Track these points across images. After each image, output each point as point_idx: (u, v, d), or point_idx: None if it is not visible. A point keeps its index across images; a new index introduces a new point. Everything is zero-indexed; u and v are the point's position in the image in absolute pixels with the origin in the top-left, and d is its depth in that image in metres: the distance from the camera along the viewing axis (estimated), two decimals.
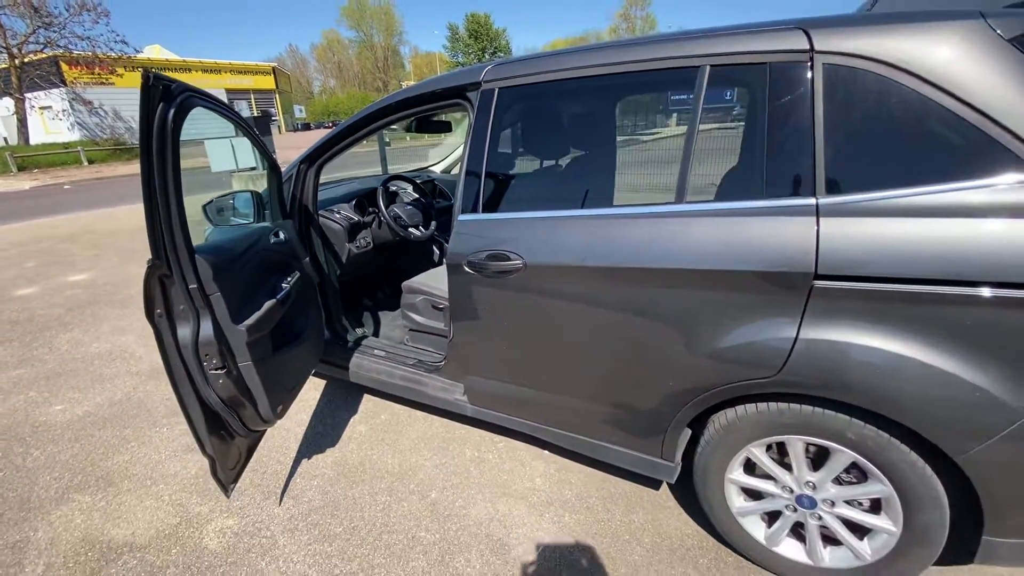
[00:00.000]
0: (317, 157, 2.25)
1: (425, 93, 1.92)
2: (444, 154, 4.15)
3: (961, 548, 1.32)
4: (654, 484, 1.95)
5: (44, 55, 21.79)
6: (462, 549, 1.71)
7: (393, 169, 4.75)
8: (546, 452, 2.17)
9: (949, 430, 1.17)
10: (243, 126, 1.85)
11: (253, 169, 6.46)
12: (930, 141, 1.17)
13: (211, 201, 1.99)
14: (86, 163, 20.44)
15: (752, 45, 1.33)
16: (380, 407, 2.57)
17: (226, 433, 1.67)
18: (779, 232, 1.27)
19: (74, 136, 25.22)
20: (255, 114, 27.92)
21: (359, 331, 2.63)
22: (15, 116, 22.56)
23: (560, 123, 1.95)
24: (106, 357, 3.28)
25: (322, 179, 2.38)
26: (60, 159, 20.22)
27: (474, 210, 1.77)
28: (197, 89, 1.45)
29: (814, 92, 1.24)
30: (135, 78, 23.19)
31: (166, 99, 1.28)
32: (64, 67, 23.62)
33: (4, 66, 21.53)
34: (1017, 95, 1.08)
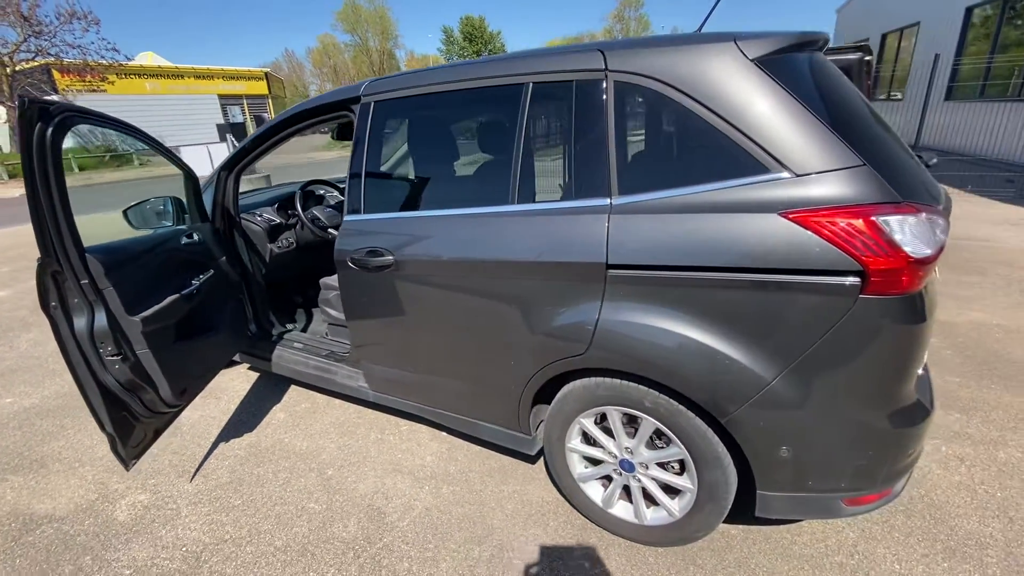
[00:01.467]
0: (234, 164, 2.45)
1: (319, 106, 2.11)
2: None
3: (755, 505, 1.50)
4: (531, 459, 2.13)
5: (35, 63, 21.93)
6: (343, 517, 1.90)
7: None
8: (443, 434, 2.36)
9: (714, 396, 1.36)
10: (148, 140, 2.04)
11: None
12: (693, 147, 1.37)
13: (132, 207, 2.18)
14: (77, 170, 20.60)
15: (563, 65, 1.52)
16: (303, 397, 2.76)
17: (128, 414, 1.85)
18: (583, 229, 1.46)
19: (67, 143, 25.38)
20: (248, 119, 28.17)
21: (289, 326, 2.82)
22: (7, 124, 22.74)
23: (423, 133, 2.14)
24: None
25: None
26: None
27: (357, 211, 1.96)
28: (82, 109, 1.64)
29: (607, 105, 1.44)
30: (128, 85, 23.41)
31: (44, 119, 1.47)
32: (56, 75, 23.78)
33: None
34: (757, 106, 1.27)
